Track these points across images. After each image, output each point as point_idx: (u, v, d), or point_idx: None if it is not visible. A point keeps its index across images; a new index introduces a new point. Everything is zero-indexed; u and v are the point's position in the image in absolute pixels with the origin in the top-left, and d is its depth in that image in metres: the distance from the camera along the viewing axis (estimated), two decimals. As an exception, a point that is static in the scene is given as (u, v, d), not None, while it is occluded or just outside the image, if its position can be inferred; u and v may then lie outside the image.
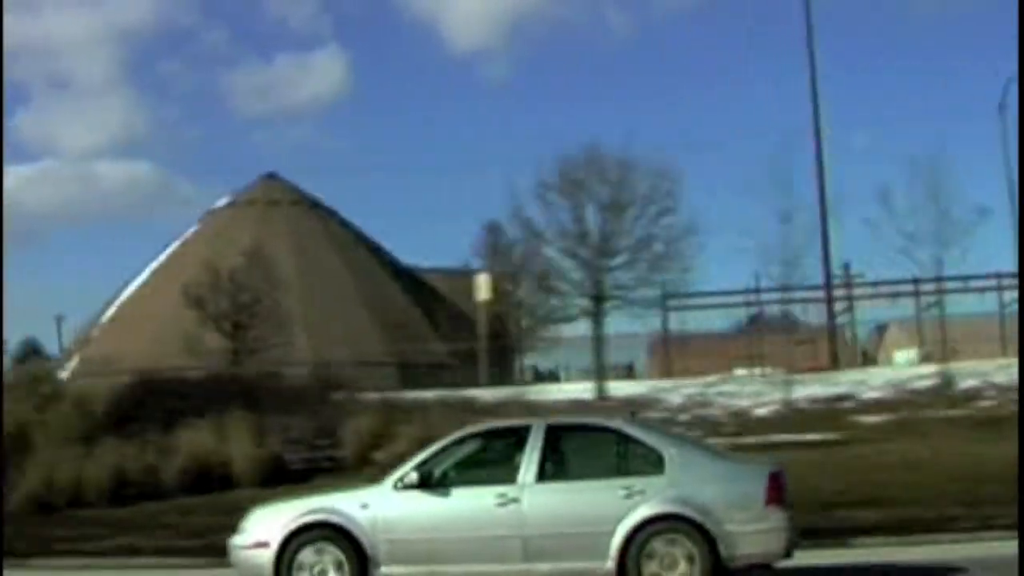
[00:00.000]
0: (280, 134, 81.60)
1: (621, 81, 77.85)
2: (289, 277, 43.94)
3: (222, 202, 53.48)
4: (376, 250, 53.53)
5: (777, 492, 10.73)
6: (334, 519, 10.84)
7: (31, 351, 44.97)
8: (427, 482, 10.88)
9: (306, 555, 10.78)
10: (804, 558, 11.73)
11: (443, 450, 11.20)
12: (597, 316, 35.24)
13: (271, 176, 53.52)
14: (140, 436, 22.98)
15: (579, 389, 31.84)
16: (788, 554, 10.95)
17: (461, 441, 11.34)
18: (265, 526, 10.98)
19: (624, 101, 77.07)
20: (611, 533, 10.53)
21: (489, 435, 11.56)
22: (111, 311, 50.75)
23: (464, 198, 75.02)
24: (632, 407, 23.45)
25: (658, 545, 10.54)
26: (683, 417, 27.00)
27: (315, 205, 53.30)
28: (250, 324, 37.67)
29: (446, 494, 10.87)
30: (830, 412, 27.17)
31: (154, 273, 49.94)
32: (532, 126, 77.72)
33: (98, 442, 22.49)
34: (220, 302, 38.22)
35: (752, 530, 10.59)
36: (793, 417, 26.35)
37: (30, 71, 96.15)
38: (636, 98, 76.55)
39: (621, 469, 10.94)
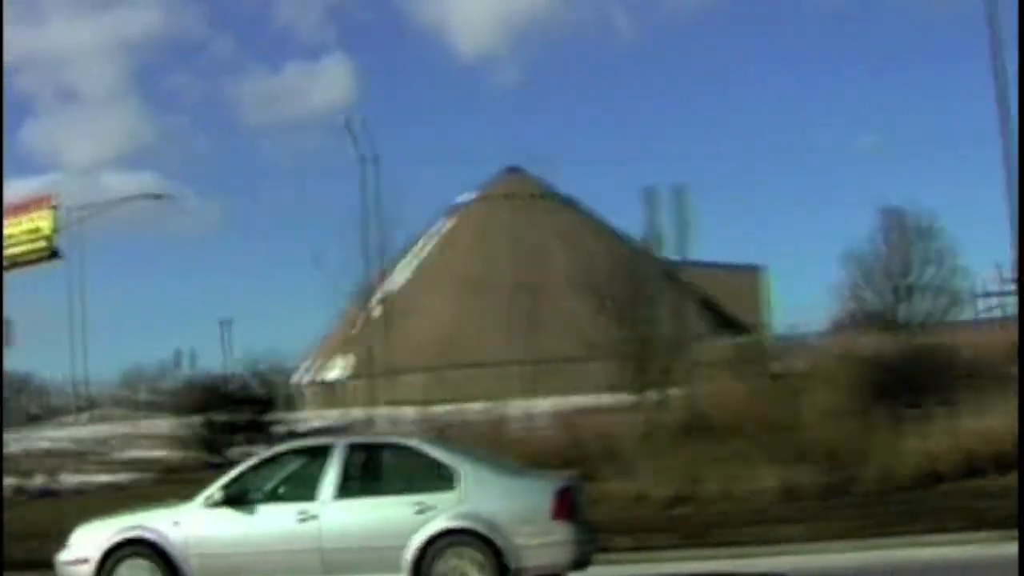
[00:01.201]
0: (288, 142, 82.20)
1: (630, 84, 77.22)
2: (567, 271, 44.64)
3: (467, 197, 53.02)
4: (632, 243, 52.56)
5: (564, 507, 11.19)
6: (148, 536, 11.61)
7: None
8: (234, 500, 11.60)
9: (122, 571, 11.58)
10: None
11: (253, 468, 11.96)
12: None
13: (513, 169, 53.01)
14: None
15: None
16: (579, 566, 11.42)
17: (271, 459, 12.07)
18: (86, 542, 11.81)
19: (634, 103, 76.50)
20: (404, 547, 11.11)
21: (296, 453, 12.25)
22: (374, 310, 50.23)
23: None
24: None
25: (448, 558, 11.10)
26: None
27: (567, 199, 52.89)
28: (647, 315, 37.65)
29: (251, 511, 11.56)
30: None
31: (418, 269, 49.57)
32: (544, 129, 77.24)
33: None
34: (616, 291, 38.47)
35: (538, 543, 11.08)
36: None
37: (37, 83, 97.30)
38: (645, 100, 75.95)
39: (416, 485, 11.48)
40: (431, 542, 11.11)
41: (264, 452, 12.20)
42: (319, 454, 11.77)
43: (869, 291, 43.62)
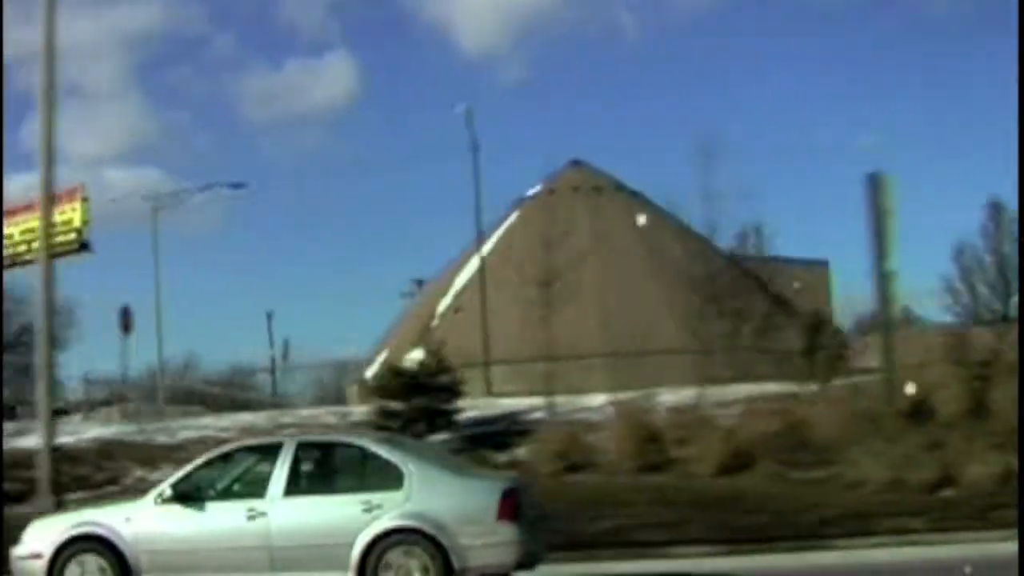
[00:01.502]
0: (290, 140, 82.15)
1: (634, 83, 76.60)
2: (639, 266, 44.71)
3: (534, 190, 52.87)
4: (700, 236, 51.94)
5: (509, 508, 11.15)
6: (99, 532, 11.70)
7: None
8: (185, 497, 11.66)
9: (74, 566, 11.67)
10: None
11: (204, 466, 12.02)
12: None
13: (576, 163, 52.63)
14: None
15: None
16: (524, 566, 11.38)
17: (223, 457, 12.13)
18: (39, 538, 11.93)
19: (637, 103, 75.86)
20: (351, 545, 11.12)
21: (247, 451, 12.31)
22: (446, 302, 50.30)
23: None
24: None
25: (394, 557, 11.10)
26: None
27: (634, 192, 52.40)
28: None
29: (201, 508, 11.61)
30: None
31: (487, 261, 49.20)
32: (549, 128, 76.75)
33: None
34: (717, 283, 38.24)
35: (482, 543, 11.06)
36: None
37: (37, 78, 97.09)
38: (647, 99, 75.30)
39: (364, 484, 11.50)
40: (377, 541, 11.11)
41: (215, 450, 12.25)
42: (269, 452, 11.82)
43: (978, 285, 43.51)
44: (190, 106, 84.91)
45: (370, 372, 47.45)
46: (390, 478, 11.35)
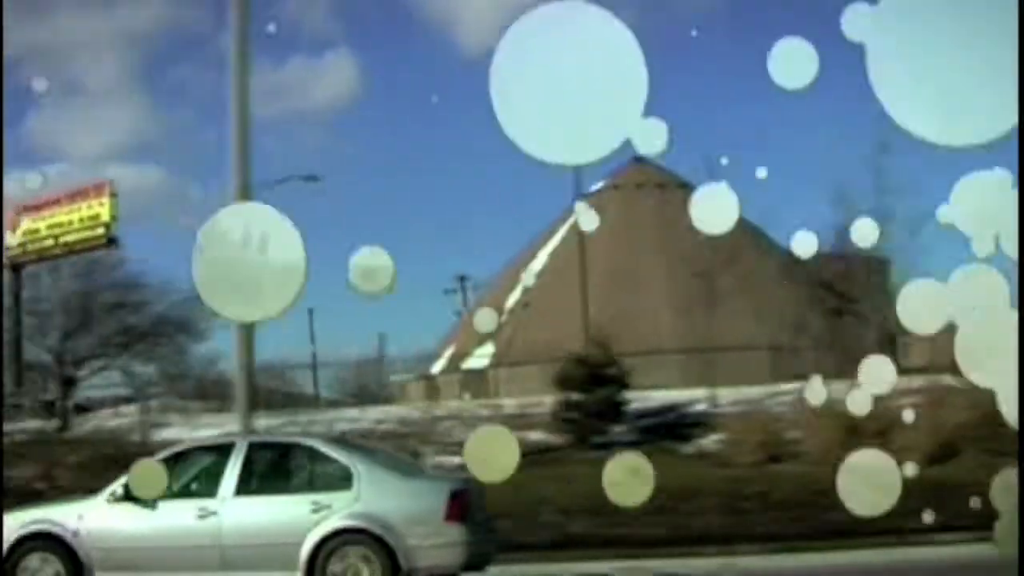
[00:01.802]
0: (290, 139, 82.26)
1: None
2: (711, 261, 44.64)
3: (596, 186, 52.52)
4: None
5: (457, 509, 11.04)
6: (52, 529, 11.67)
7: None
8: (137, 496, 11.56)
9: (28, 563, 11.64)
10: None
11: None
12: None
13: (638, 159, 52.19)
14: None
15: None
16: (472, 568, 11.26)
17: (176, 457, 12.01)
18: None
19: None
20: (299, 545, 11.03)
21: (199, 451, 12.23)
22: (516, 297, 49.99)
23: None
24: None
25: (342, 557, 11.02)
26: None
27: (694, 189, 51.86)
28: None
29: (153, 507, 11.50)
30: None
31: (554, 258, 45.98)
32: None
33: None
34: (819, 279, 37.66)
35: (430, 544, 10.98)
36: None
37: (40, 75, 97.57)
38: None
39: (314, 484, 11.49)
40: (325, 541, 11.03)
41: (168, 449, 12.21)
42: (222, 452, 11.75)
43: None
44: (192, 105, 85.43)
45: (436, 368, 47.40)
46: (340, 479, 11.31)
